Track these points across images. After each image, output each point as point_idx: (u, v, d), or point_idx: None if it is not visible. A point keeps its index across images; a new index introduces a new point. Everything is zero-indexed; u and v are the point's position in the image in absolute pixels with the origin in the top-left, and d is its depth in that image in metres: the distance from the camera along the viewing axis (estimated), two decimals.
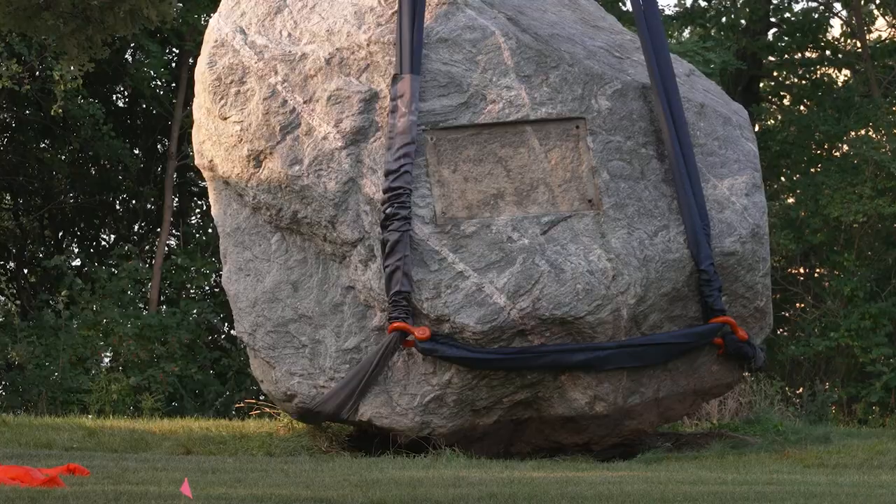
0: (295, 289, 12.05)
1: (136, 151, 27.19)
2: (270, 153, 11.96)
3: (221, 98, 12.18)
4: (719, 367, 12.47)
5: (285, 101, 11.96)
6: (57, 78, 21.36)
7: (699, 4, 30.95)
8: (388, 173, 11.63)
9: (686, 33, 31.12)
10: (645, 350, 11.90)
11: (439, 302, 11.53)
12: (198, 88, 12.45)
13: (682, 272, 11.97)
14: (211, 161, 12.41)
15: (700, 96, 12.88)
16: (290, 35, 12.19)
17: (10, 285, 24.73)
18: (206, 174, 12.66)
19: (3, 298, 24.14)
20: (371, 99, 11.90)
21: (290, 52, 12.09)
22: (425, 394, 11.74)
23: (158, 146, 27.53)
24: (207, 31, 12.52)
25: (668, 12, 30.79)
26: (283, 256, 12.15)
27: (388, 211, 11.55)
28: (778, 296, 26.29)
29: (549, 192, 11.89)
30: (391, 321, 11.52)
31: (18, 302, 23.35)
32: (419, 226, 11.63)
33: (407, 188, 11.60)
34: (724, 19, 30.14)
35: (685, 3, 30.91)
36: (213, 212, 12.62)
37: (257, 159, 12.03)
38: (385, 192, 11.59)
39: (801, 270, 27.57)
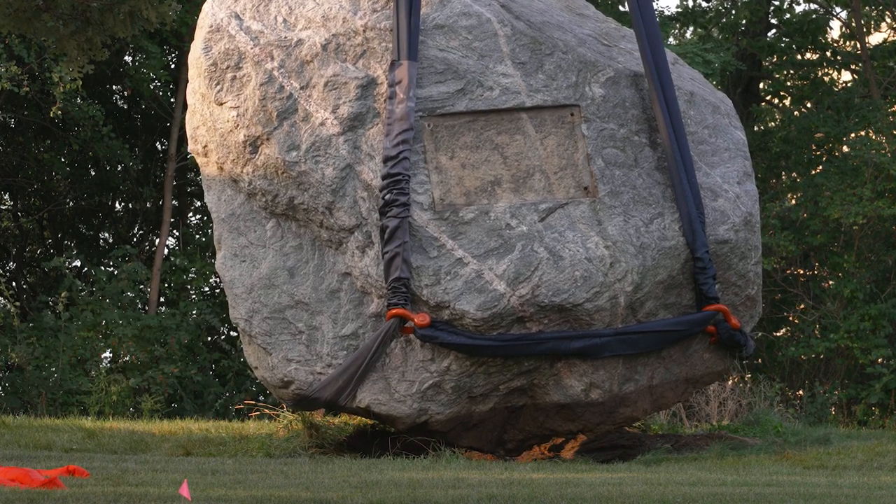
0: (291, 275, 12.05)
1: (136, 152, 27.20)
2: (267, 139, 11.96)
3: (217, 84, 12.17)
4: (711, 355, 12.53)
5: (282, 87, 11.97)
6: (56, 79, 21.36)
7: (700, 5, 30.96)
8: (386, 159, 11.64)
9: (688, 35, 31.14)
10: (641, 337, 11.95)
11: (439, 288, 11.54)
12: (192, 74, 12.45)
13: (678, 260, 12.02)
14: (205, 147, 12.41)
15: (688, 84, 12.96)
16: (285, 21, 12.19)
17: (10, 286, 24.73)
18: (199, 160, 12.65)
19: (2, 300, 24.13)
20: (368, 85, 11.92)
21: (285, 37, 12.10)
22: (424, 380, 11.75)
23: (158, 147, 27.54)
24: (201, 16, 12.51)
25: (667, 13, 30.81)
26: (279, 243, 12.15)
27: (387, 197, 11.56)
28: (778, 297, 26.30)
29: (546, 179, 11.93)
30: (390, 307, 11.52)
31: (18, 303, 23.34)
32: (418, 212, 11.65)
33: (406, 174, 11.61)
34: (724, 20, 30.17)
35: (686, 4, 30.92)
36: (207, 198, 12.61)
37: (254, 145, 12.03)
38: (384, 178, 11.60)
39: (801, 272, 27.59)
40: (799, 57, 30.44)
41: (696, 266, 12.03)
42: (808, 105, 30.07)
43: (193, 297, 26.06)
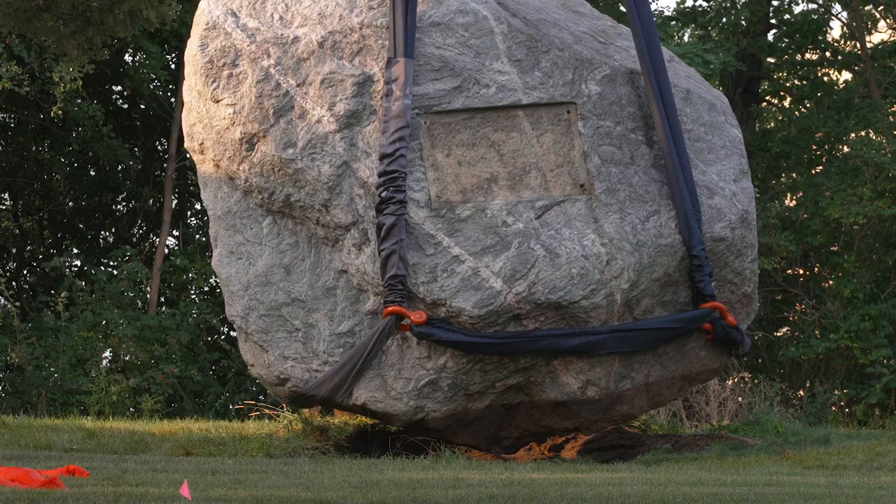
0: (287, 272, 12.06)
1: (136, 152, 27.20)
2: (264, 136, 11.96)
3: (214, 81, 12.17)
4: (707, 353, 12.54)
5: (278, 85, 11.97)
6: (56, 79, 21.36)
7: (699, 5, 30.96)
8: (383, 157, 11.64)
9: (686, 37, 31.14)
10: (637, 335, 11.96)
11: (435, 286, 11.54)
12: (188, 71, 12.46)
13: (674, 257, 12.03)
14: (202, 144, 12.41)
15: (684, 82, 12.97)
16: (281, 18, 12.20)
17: (10, 286, 24.73)
18: (196, 157, 12.66)
19: (2, 300, 24.14)
20: (364, 82, 11.92)
21: (282, 35, 12.10)
22: (420, 378, 11.76)
23: (158, 147, 27.54)
24: (198, 13, 12.52)
25: (667, 13, 30.81)
26: (275, 240, 12.16)
27: (383, 194, 11.55)
28: (779, 297, 26.30)
29: (542, 176, 11.94)
30: (387, 305, 11.51)
31: (18, 303, 23.34)
32: (414, 210, 11.66)
33: (402, 172, 11.61)
34: (724, 20, 30.17)
35: (685, 4, 30.92)
36: (203, 195, 12.63)
37: (250, 142, 12.04)
38: (380, 175, 11.60)
39: (801, 272, 27.59)
40: (799, 57, 30.44)
41: (692, 263, 12.03)
42: (808, 105, 30.06)
43: (193, 296, 26.06)
